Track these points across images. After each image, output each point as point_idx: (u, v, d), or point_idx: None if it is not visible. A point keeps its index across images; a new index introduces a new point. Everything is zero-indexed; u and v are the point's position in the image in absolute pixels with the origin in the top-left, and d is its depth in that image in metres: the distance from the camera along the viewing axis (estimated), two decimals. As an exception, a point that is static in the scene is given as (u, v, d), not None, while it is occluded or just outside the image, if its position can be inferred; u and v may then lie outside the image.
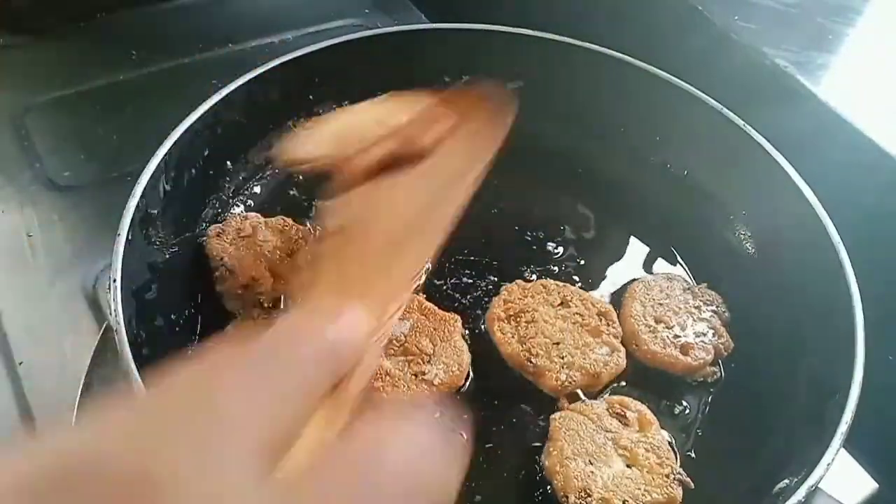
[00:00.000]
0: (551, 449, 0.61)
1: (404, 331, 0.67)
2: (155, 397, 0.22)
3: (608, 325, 0.71)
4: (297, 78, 0.84)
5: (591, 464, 0.60)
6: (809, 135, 0.79)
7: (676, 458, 0.62)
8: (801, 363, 0.66)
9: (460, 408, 0.65)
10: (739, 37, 0.88)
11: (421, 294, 0.73)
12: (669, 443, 0.63)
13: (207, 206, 0.78)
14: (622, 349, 0.69)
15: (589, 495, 0.57)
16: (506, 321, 0.70)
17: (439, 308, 0.71)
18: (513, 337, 0.68)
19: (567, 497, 0.58)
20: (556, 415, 0.64)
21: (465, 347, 0.68)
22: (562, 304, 0.71)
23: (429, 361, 0.65)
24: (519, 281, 0.73)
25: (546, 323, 0.69)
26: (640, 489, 0.59)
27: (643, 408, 0.64)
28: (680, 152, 0.85)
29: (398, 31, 0.89)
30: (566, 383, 0.66)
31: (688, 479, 0.60)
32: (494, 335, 0.69)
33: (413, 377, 0.64)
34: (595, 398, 0.66)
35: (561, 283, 0.74)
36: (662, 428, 0.64)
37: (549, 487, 0.60)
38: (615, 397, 0.65)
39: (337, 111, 0.74)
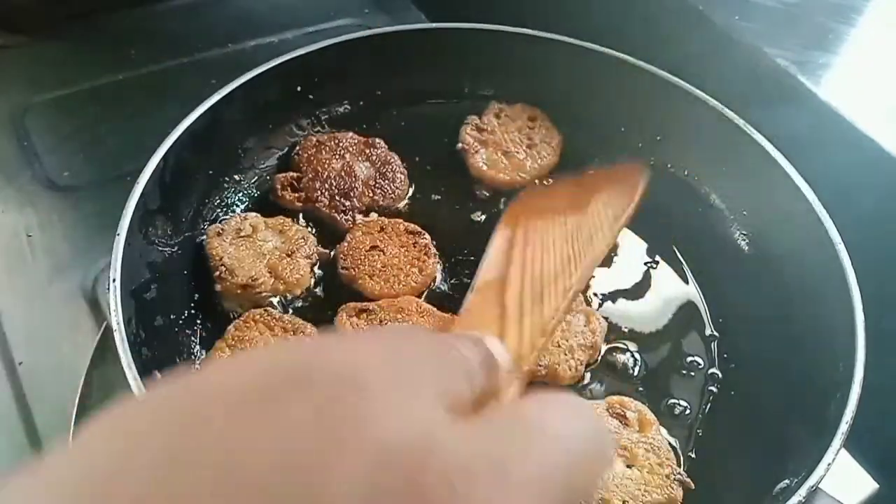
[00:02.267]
0: None
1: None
2: (354, 336, 0.25)
3: None
4: (297, 78, 0.84)
5: None
6: (810, 135, 0.79)
7: (679, 459, 0.62)
8: (801, 363, 0.66)
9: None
10: (740, 37, 0.88)
11: (421, 296, 0.73)
12: (669, 443, 0.63)
13: (207, 206, 0.78)
14: (594, 311, 0.71)
15: None
16: None
17: (438, 309, 0.71)
18: None
19: None
20: None
21: None
22: None
23: None
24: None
25: None
26: (640, 489, 0.59)
27: (643, 408, 0.64)
28: (680, 152, 0.85)
29: (398, 31, 0.89)
30: (577, 368, 0.66)
31: (688, 480, 0.60)
32: None
33: None
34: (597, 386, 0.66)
35: None
36: (662, 428, 0.64)
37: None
38: (615, 397, 0.65)
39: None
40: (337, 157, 0.82)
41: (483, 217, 0.82)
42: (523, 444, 0.22)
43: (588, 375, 0.68)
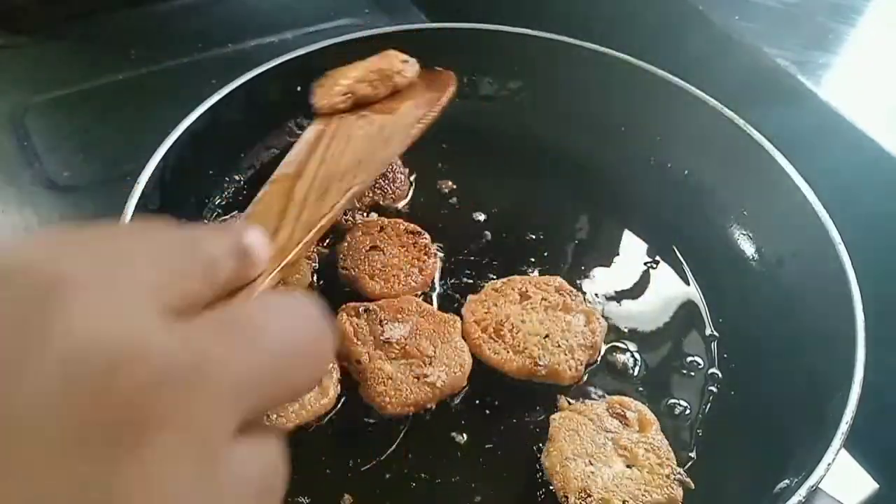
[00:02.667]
0: (551, 449, 0.61)
1: (404, 333, 0.67)
2: (76, 233, 0.23)
3: (570, 295, 0.71)
4: (297, 78, 0.84)
5: (592, 464, 0.60)
6: (810, 135, 0.79)
7: (679, 459, 0.62)
8: (802, 363, 0.66)
9: (460, 410, 0.65)
10: (740, 37, 0.88)
11: (420, 295, 0.73)
12: (669, 443, 0.63)
13: (207, 207, 0.78)
14: (595, 310, 0.71)
15: (589, 495, 0.57)
16: (492, 340, 0.68)
17: (439, 309, 0.71)
18: (508, 352, 0.67)
19: (567, 497, 0.58)
20: (556, 415, 0.63)
21: (466, 348, 0.67)
22: (522, 297, 0.71)
23: (430, 363, 0.65)
24: (470, 296, 0.72)
25: (524, 322, 0.69)
26: (640, 489, 0.59)
27: (643, 408, 0.64)
28: (680, 152, 0.85)
29: (398, 31, 0.89)
30: (577, 368, 0.66)
31: (688, 480, 0.60)
32: (491, 359, 0.67)
33: (415, 380, 0.64)
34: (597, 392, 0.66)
35: (506, 279, 0.73)
36: (662, 428, 0.64)
37: (549, 488, 0.60)
38: (615, 397, 0.65)
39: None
40: None
41: (483, 217, 0.82)
42: (231, 345, 0.22)
43: (588, 375, 0.68)
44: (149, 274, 0.23)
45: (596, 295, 0.76)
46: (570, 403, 0.65)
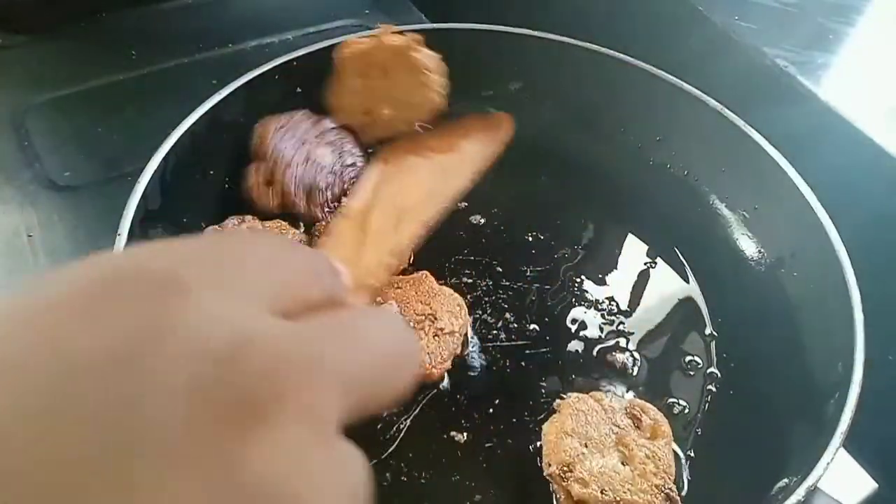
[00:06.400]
0: (554, 419, 0.60)
1: (395, 312, 0.67)
2: (184, 242, 0.25)
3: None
4: (297, 78, 0.84)
5: (586, 447, 0.59)
6: (810, 135, 0.79)
7: (680, 468, 0.61)
8: (801, 363, 0.66)
9: (460, 408, 0.65)
10: (739, 37, 0.88)
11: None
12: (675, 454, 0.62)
13: (208, 208, 0.78)
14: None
15: (570, 472, 0.56)
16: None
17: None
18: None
19: (549, 465, 0.57)
20: (572, 395, 0.62)
21: (451, 290, 0.69)
22: None
23: (435, 318, 0.66)
24: None
25: None
26: (623, 486, 0.57)
27: (661, 419, 0.62)
28: (680, 152, 0.85)
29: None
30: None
31: (676, 498, 0.58)
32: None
33: (435, 338, 0.65)
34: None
35: None
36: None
37: (548, 488, 0.60)
38: (638, 400, 0.64)
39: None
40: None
41: (483, 218, 0.82)
42: (341, 343, 0.24)
43: (589, 376, 0.68)
44: (259, 278, 0.24)
45: (595, 294, 0.76)
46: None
